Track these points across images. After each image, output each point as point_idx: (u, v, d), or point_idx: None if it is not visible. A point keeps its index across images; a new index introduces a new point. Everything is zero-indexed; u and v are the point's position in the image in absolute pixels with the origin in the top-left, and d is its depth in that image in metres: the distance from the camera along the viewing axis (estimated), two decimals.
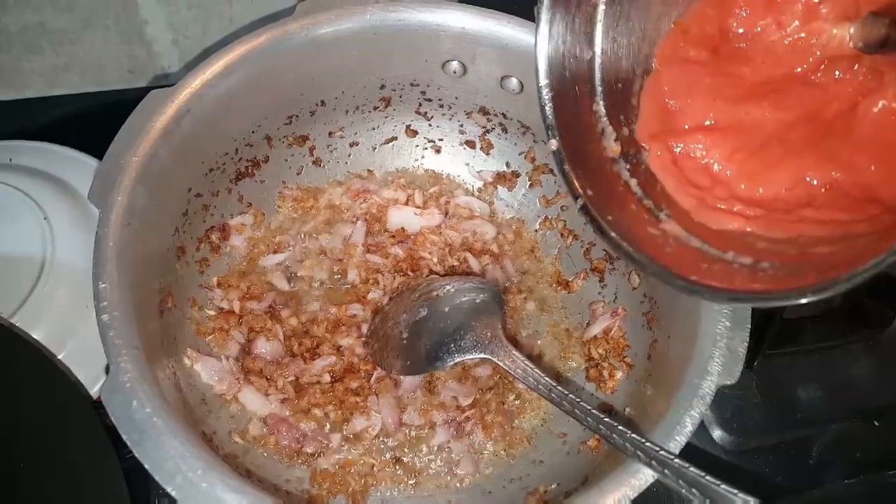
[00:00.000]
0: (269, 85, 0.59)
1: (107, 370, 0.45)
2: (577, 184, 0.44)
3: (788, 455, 0.69)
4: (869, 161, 0.39)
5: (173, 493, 0.41)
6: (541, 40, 0.44)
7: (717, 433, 0.69)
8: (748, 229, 0.41)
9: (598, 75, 0.47)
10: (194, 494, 0.41)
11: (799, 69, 0.44)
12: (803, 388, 0.72)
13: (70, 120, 0.84)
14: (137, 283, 0.51)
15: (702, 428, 0.68)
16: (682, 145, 0.45)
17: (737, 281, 0.38)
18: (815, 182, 0.40)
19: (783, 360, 0.73)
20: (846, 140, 0.40)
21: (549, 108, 0.45)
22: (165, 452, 0.42)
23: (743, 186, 0.42)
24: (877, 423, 0.69)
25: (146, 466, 0.42)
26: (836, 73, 0.42)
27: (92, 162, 0.73)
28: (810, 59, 0.43)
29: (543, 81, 0.45)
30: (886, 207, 0.38)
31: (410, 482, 0.58)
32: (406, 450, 0.59)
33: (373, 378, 0.61)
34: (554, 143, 0.45)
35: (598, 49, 0.46)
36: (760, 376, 0.72)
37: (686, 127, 0.46)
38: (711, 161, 0.44)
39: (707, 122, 0.45)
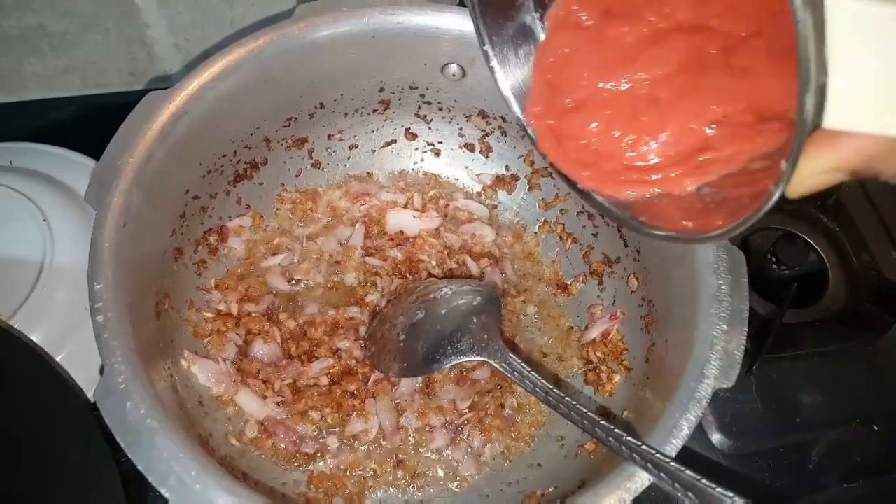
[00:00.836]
0: (268, 87, 0.59)
1: (101, 371, 0.45)
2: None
3: (788, 459, 0.69)
4: (753, 79, 0.37)
5: (167, 495, 0.41)
6: None
7: (716, 437, 0.68)
8: (656, 191, 0.40)
9: None
10: (188, 496, 0.41)
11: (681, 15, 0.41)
12: (803, 393, 0.72)
13: (70, 122, 0.84)
14: (134, 285, 0.51)
15: (701, 432, 0.68)
16: (560, 126, 0.43)
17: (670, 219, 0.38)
18: (703, 127, 0.39)
19: (782, 364, 0.73)
20: (726, 69, 0.38)
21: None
22: (159, 454, 0.42)
23: (629, 156, 0.41)
24: (876, 428, 0.68)
25: (140, 468, 0.42)
26: None
27: (92, 164, 0.74)
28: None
29: None
30: (785, 120, 0.35)
31: (408, 485, 0.58)
32: (404, 453, 0.59)
33: (370, 381, 0.60)
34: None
35: None
36: (760, 381, 0.72)
37: (567, 103, 0.44)
38: (592, 139, 0.42)
39: (583, 97, 0.43)
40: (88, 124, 0.69)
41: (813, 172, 0.29)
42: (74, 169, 0.75)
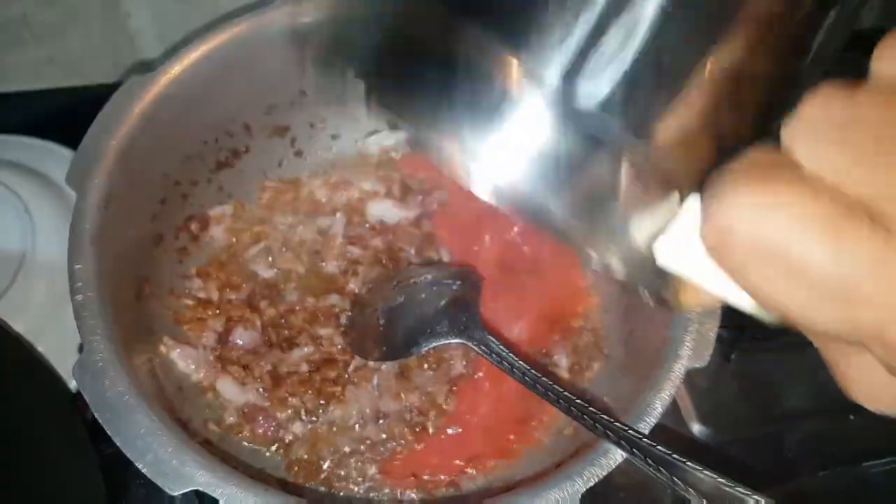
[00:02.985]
0: (249, 73, 0.60)
1: (80, 350, 0.45)
2: None
3: (766, 448, 0.70)
4: None
5: (144, 471, 0.41)
6: None
7: (696, 427, 0.69)
8: None
9: None
10: (165, 471, 0.41)
11: None
12: (781, 383, 0.73)
13: (53, 114, 0.83)
14: (114, 268, 0.51)
15: (681, 422, 0.69)
16: None
17: None
18: None
19: (762, 355, 0.74)
20: None
21: None
22: (136, 431, 0.43)
23: None
24: (851, 417, 0.69)
25: (117, 443, 0.42)
26: None
27: None
28: None
29: None
30: None
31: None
32: (380, 436, 0.59)
33: (351, 368, 0.61)
34: None
35: None
36: (739, 371, 0.73)
37: None
38: None
39: None
40: (70, 116, 0.69)
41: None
42: (56, 160, 0.75)
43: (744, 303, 0.28)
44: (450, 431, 0.59)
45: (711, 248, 0.24)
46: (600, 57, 0.25)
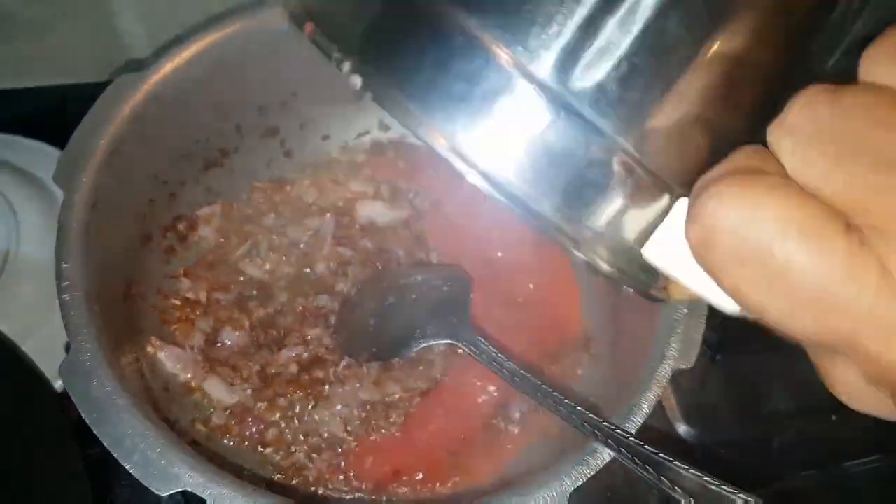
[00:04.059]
0: (239, 74, 0.60)
1: (67, 349, 0.45)
2: None
3: (751, 448, 0.71)
4: None
5: (131, 471, 0.41)
6: None
7: (682, 428, 0.70)
8: None
9: None
10: (152, 472, 0.41)
11: None
12: (766, 385, 0.74)
13: (40, 113, 0.83)
14: (101, 267, 0.51)
15: (667, 423, 0.70)
16: None
17: None
18: None
19: (747, 357, 0.75)
20: None
21: None
22: (123, 431, 0.42)
23: None
24: (834, 418, 0.70)
25: (104, 444, 0.42)
26: None
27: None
28: None
29: None
30: None
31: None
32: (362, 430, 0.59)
33: (340, 368, 0.61)
34: None
35: None
36: (725, 373, 0.74)
37: None
38: None
39: None
40: (58, 114, 0.69)
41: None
42: (43, 160, 0.74)
43: (727, 305, 0.28)
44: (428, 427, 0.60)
45: (694, 248, 0.25)
46: (593, 50, 0.25)
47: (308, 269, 0.66)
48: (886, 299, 0.21)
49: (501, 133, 0.26)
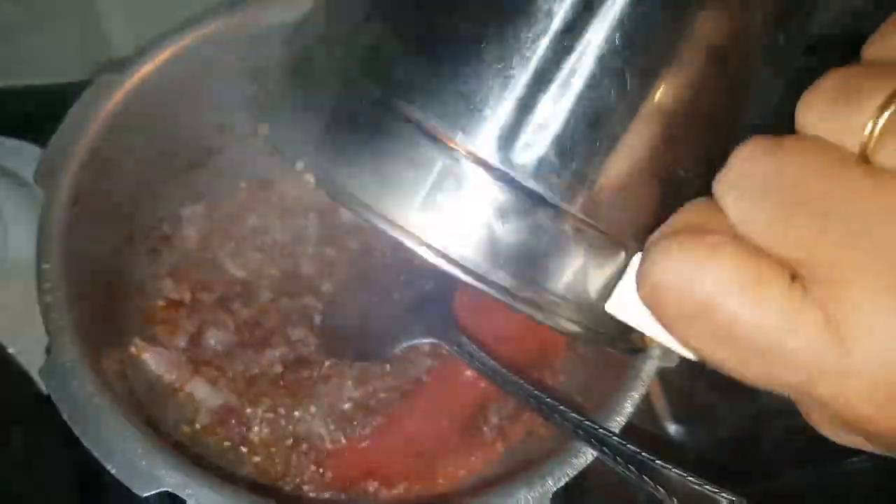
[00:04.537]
0: (222, 73, 0.59)
1: (48, 351, 0.45)
2: None
3: (742, 446, 0.71)
4: None
5: (113, 472, 0.41)
6: None
7: (671, 427, 0.70)
8: None
9: None
10: (134, 473, 0.41)
11: None
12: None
13: (25, 113, 0.82)
14: (83, 268, 0.50)
15: (656, 422, 0.70)
16: None
17: None
18: None
19: None
20: None
21: None
22: (105, 432, 0.42)
23: None
24: None
25: (85, 444, 0.42)
26: None
27: None
28: None
29: None
30: None
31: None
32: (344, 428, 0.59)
33: (324, 367, 0.61)
34: None
35: None
36: (713, 371, 0.73)
37: None
38: None
39: None
40: (43, 115, 0.68)
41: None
42: (26, 159, 0.74)
43: (691, 356, 0.29)
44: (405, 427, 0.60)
45: (644, 302, 0.26)
46: (531, 128, 0.26)
47: (292, 269, 0.66)
48: (833, 346, 0.21)
49: (452, 212, 0.27)
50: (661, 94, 0.27)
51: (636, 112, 0.27)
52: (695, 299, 0.23)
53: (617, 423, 0.45)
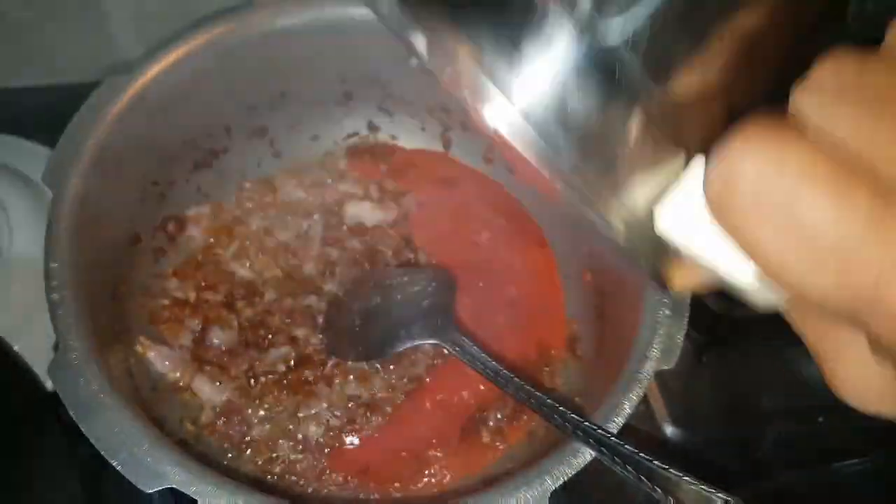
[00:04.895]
0: (228, 75, 0.60)
1: (55, 348, 0.45)
2: None
3: (738, 448, 0.71)
4: None
5: (119, 468, 0.42)
6: None
7: (669, 429, 0.70)
8: None
9: None
10: (139, 469, 0.42)
11: None
12: (752, 385, 0.74)
13: (30, 113, 0.83)
14: (90, 267, 0.51)
15: (654, 424, 0.70)
16: None
17: None
18: None
19: (733, 357, 0.76)
20: None
21: None
22: (111, 429, 0.43)
23: None
24: (820, 420, 0.71)
25: (91, 440, 0.42)
26: None
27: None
28: None
29: None
30: None
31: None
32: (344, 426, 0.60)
33: (327, 367, 0.61)
34: None
35: None
36: (711, 373, 0.74)
37: None
38: None
39: None
40: (48, 115, 0.69)
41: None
42: (33, 159, 0.75)
43: (739, 276, 0.27)
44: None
45: (713, 201, 0.25)
46: None
47: (296, 270, 0.67)
48: None
49: (531, 68, 0.25)
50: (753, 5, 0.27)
51: (728, 13, 0.26)
52: (773, 194, 0.22)
53: (615, 423, 0.45)
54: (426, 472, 0.58)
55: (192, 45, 0.57)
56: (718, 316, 0.75)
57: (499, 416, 0.61)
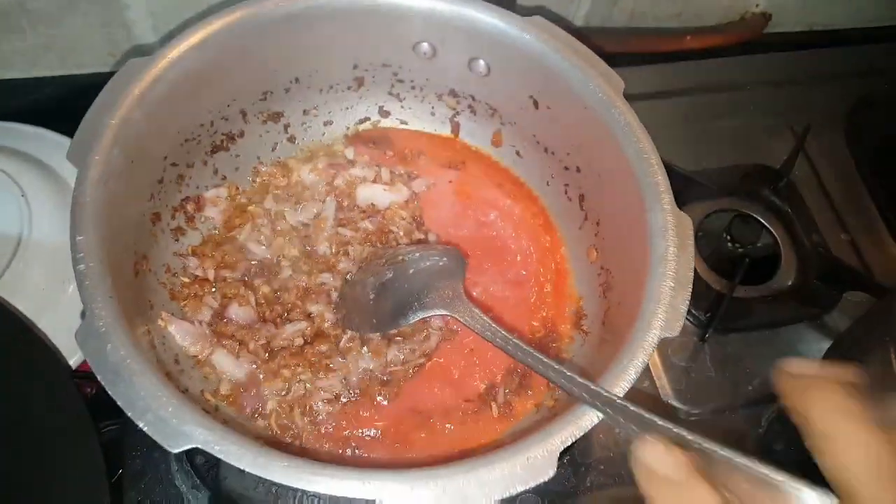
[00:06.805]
0: (244, 60, 0.62)
1: (83, 316, 0.47)
2: None
3: (740, 423, 0.73)
4: None
5: (145, 429, 0.43)
6: None
7: (672, 405, 0.72)
8: None
9: None
10: (164, 429, 0.43)
11: None
12: (754, 363, 0.76)
13: (49, 102, 0.85)
14: (113, 242, 0.53)
15: (658, 401, 0.72)
16: None
17: None
18: None
19: (736, 337, 0.77)
20: None
21: None
22: (137, 392, 0.44)
23: None
24: None
25: (119, 404, 0.44)
26: None
27: (69, 143, 0.75)
28: None
29: None
30: None
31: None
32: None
33: (342, 342, 0.63)
34: None
35: None
36: (714, 352, 0.76)
37: None
38: None
39: None
40: (67, 104, 0.71)
41: None
42: (52, 147, 0.77)
43: None
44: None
45: None
46: None
47: (310, 250, 0.68)
48: None
49: None
50: None
51: None
52: None
53: (621, 387, 0.47)
54: (437, 443, 0.60)
55: (210, 31, 0.59)
56: (721, 296, 0.77)
57: (507, 391, 0.63)
